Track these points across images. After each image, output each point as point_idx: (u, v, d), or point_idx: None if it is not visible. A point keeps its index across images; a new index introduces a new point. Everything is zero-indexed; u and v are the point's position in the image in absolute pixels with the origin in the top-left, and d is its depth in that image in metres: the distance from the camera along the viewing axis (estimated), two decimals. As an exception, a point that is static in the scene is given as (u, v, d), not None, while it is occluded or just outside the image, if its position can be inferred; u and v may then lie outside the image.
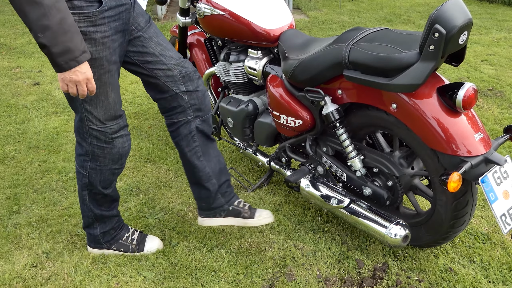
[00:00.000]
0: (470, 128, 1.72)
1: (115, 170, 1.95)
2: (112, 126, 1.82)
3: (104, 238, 2.09)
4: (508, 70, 4.32)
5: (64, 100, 3.92)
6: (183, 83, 1.91)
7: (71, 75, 1.53)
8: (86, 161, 1.89)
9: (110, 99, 1.77)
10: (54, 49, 1.46)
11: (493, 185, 1.70)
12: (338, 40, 1.94)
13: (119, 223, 2.13)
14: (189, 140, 1.97)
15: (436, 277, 1.94)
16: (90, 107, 1.75)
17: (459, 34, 1.58)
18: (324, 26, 6.18)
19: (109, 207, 2.06)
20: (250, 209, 2.09)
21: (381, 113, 1.90)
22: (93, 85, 1.61)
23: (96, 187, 1.95)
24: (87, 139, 1.84)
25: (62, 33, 1.45)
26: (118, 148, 1.88)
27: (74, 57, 1.50)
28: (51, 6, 1.42)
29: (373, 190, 2.04)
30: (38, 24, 1.42)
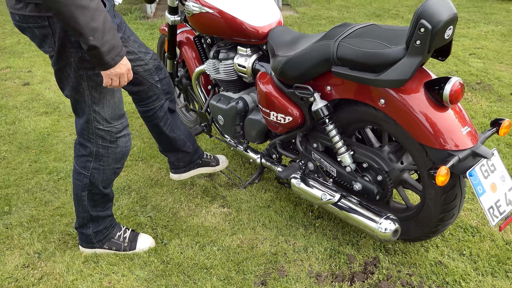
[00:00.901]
0: (458, 122, 1.74)
1: (117, 169, 1.99)
2: (117, 125, 1.88)
3: (97, 237, 2.10)
4: (496, 63, 4.36)
5: (55, 100, 3.91)
6: (156, 74, 2.13)
7: (116, 69, 1.60)
8: (89, 161, 1.91)
9: (116, 98, 1.82)
10: (103, 48, 1.51)
11: (480, 178, 1.72)
12: (326, 36, 1.95)
13: (111, 222, 2.14)
14: (165, 119, 2.27)
15: (426, 271, 1.96)
16: (98, 108, 1.79)
17: (444, 28, 1.60)
18: (313, 22, 6.18)
19: (104, 207, 2.07)
20: (214, 157, 2.60)
21: (369, 108, 1.91)
22: (131, 74, 1.68)
23: (98, 187, 1.97)
24: (92, 140, 1.87)
25: (108, 32, 1.51)
26: (122, 147, 1.93)
27: (118, 53, 1.57)
28: (96, 8, 1.48)
29: (363, 185, 2.05)
30: (88, 28, 1.46)
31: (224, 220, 2.34)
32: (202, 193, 2.57)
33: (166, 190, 2.61)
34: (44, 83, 4.32)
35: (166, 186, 2.64)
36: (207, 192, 2.58)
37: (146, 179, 2.72)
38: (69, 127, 3.42)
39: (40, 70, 4.67)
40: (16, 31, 6.15)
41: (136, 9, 7.13)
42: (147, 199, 2.53)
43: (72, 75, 1.72)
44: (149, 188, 2.64)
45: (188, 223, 2.33)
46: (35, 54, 5.17)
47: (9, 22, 6.59)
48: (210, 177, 2.71)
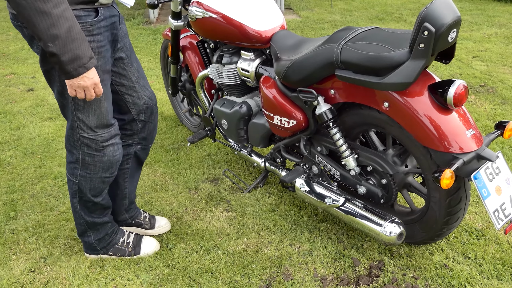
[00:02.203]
0: (462, 125, 1.74)
1: (105, 178, 1.93)
2: (103, 134, 1.82)
3: (100, 244, 2.09)
4: (499, 66, 4.35)
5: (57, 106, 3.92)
6: (144, 113, 2.03)
7: (79, 81, 1.55)
8: (76, 168, 1.89)
9: (102, 108, 1.77)
10: (64, 57, 1.48)
11: (485, 181, 1.72)
12: (329, 40, 1.95)
13: (113, 228, 2.12)
14: (123, 161, 2.10)
15: (432, 274, 1.96)
16: (82, 116, 1.76)
17: (448, 31, 1.60)
18: (316, 26, 6.20)
19: (100, 214, 2.04)
20: (150, 220, 2.30)
21: (373, 112, 1.92)
22: (100, 89, 1.63)
23: (86, 195, 1.94)
24: (78, 147, 1.84)
25: (71, 41, 1.47)
26: (109, 156, 1.87)
27: (83, 64, 1.52)
28: (59, 16, 1.44)
29: (367, 189, 2.05)
30: (47, 34, 1.43)
31: (228, 224, 2.35)
32: (206, 197, 2.57)
33: (171, 195, 2.61)
34: (48, 88, 4.34)
35: (171, 191, 2.65)
36: (212, 196, 2.58)
37: (151, 184, 2.73)
38: (74, 132, 3.43)
39: (44, 75, 4.69)
40: (20, 37, 6.18)
41: (139, 14, 7.16)
42: (152, 204, 2.54)
43: (57, 78, 1.70)
44: (154, 192, 2.64)
45: (193, 227, 2.33)
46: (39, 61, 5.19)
47: (13, 28, 6.63)
48: (215, 182, 2.72)
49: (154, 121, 2.10)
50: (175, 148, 3.13)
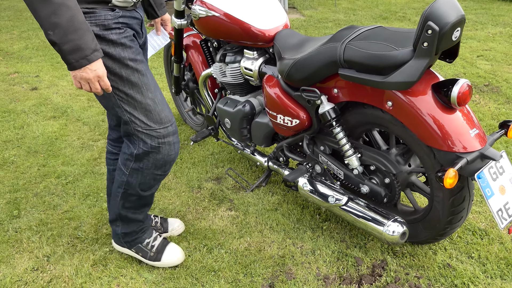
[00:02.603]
0: (466, 124, 1.73)
1: (157, 175, 1.87)
2: (159, 129, 1.76)
3: (125, 238, 2.05)
4: (504, 65, 4.34)
5: (63, 104, 3.93)
6: None
7: (82, 73, 1.51)
8: (129, 160, 1.84)
9: (148, 100, 1.71)
10: (64, 47, 1.44)
11: (489, 180, 1.71)
12: (333, 39, 1.95)
13: (142, 227, 2.06)
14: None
15: (435, 273, 1.95)
16: (130, 108, 1.71)
17: (452, 30, 1.59)
18: (319, 25, 6.19)
19: (137, 210, 1.98)
20: (163, 224, 2.27)
21: (377, 111, 1.91)
22: (106, 83, 1.57)
23: (134, 188, 1.89)
24: (134, 142, 1.79)
25: (72, 31, 1.43)
26: (164, 154, 1.80)
27: (85, 55, 1.48)
28: (61, 4, 1.40)
29: (370, 188, 2.05)
30: (48, 22, 1.40)
31: (231, 223, 2.34)
32: (209, 196, 2.57)
33: (174, 194, 2.61)
34: (52, 87, 4.35)
35: (174, 190, 2.65)
36: (215, 195, 2.58)
37: (154, 183, 2.73)
38: (77, 131, 3.44)
39: (48, 74, 4.71)
40: (24, 36, 6.20)
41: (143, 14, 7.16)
42: (155, 203, 2.54)
43: None
44: (157, 191, 2.65)
45: (195, 226, 2.33)
46: (43, 59, 5.21)
47: (17, 27, 6.65)
48: (218, 181, 2.72)
49: None
50: (178, 147, 3.13)
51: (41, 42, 5.91)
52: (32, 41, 5.95)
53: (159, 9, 2.10)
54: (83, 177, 2.82)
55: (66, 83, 4.46)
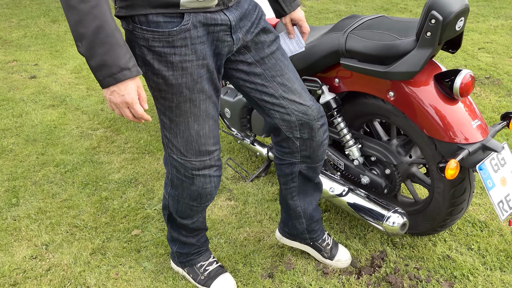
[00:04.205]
0: (468, 115, 1.72)
1: (193, 207, 1.71)
2: (194, 162, 1.57)
3: (179, 258, 1.92)
4: (505, 58, 4.32)
5: (61, 93, 3.91)
6: (299, 130, 1.69)
7: (110, 96, 1.31)
8: (168, 185, 1.73)
9: (192, 131, 1.51)
10: (91, 62, 1.26)
11: (490, 172, 1.70)
12: (335, 28, 1.93)
13: (198, 250, 1.91)
14: (288, 180, 1.83)
15: (434, 265, 1.95)
16: (170, 135, 1.54)
17: (455, 20, 1.57)
18: (320, 16, 6.15)
19: (189, 233, 1.85)
20: (332, 249, 1.98)
21: (378, 101, 1.90)
22: (137, 111, 1.33)
23: (173, 213, 1.77)
24: (168, 166, 1.65)
25: (99, 44, 1.24)
26: (198, 187, 1.62)
27: (111, 73, 1.27)
28: (87, 12, 1.22)
29: (371, 179, 2.04)
30: (75, 31, 1.24)
31: (231, 213, 2.34)
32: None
33: (173, 183, 2.60)
34: (51, 76, 4.33)
35: (173, 179, 2.64)
36: (214, 185, 2.57)
37: (153, 172, 2.72)
38: (76, 120, 3.42)
39: (47, 63, 4.68)
40: (23, 24, 6.16)
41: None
42: (154, 192, 2.53)
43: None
44: (156, 180, 2.64)
45: (194, 215, 2.33)
46: (42, 48, 5.18)
47: (16, 15, 6.61)
48: (217, 170, 2.71)
49: (317, 138, 1.72)
50: (177, 136, 3.12)
51: (40, 30, 5.87)
52: (31, 29, 5.91)
53: (287, 4, 1.73)
54: (82, 166, 2.81)
55: (65, 72, 4.43)
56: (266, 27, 1.58)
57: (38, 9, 6.89)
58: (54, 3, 7.23)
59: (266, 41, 1.58)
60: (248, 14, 1.51)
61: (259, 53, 1.57)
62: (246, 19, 1.50)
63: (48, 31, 5.84)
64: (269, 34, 1.59)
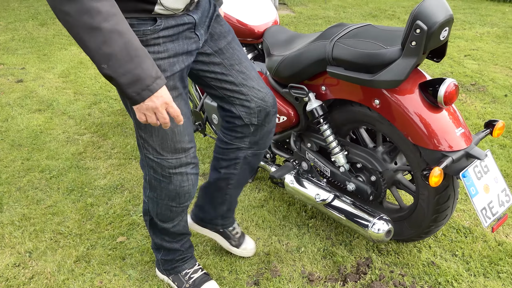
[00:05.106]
0: (452, 123, 1.74)
1: (172, 207, 1.71)
2: (171, 160, 1.58)
3: (164, 265, 1.91)
4: (490, 65, 4.37)
5: (48, 97, 3.88)
6: (257, 117, 1.74)
7: (147, 103, 1.30)
8: (146, 188, 1.71)
9: (167, 130, 1.53)
10: (122, 80, 1.23)
11: (474, 179, 1.72)
12: (322, 36, 1.94)
13: (183, 256, 1.90)
14: (231, 164, 1.85)
15: (419, 271, 1.96)
16: (145, 135, 1.54)
17: (440, 30, 1.59)
18: (309, 22, 6.18)
19: (172, 239, 1.84)
20: (240, 238, 2.06)
21: (364, 109, 1.91)
22: (175, 109, 1.35)
23: (154, 218, 1.76)
24: (145, 167, 1.65)
25: (129, 60, 1.22)
26: (175, 185, 1.63)
27: (146, 86, 1.26)
28: (111, 31, 1.19)
29: (356, 186, 2.05)
30: (100, 54, 1.20)
31: (217, 219, 2.33)
32: (196, 192, 2.55)
33: (160, 189, 2.59)
34: (38, 80, 4.29)
35: (160, 185, 2.63)
36: (201, 191, 2.56)
37: (139, 178, 2.70)
38: (62, 125, 3.39)
39: (34, 67, 4.64)
40: (11, 27, 6.11)
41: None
42: (140, 198, 2.52)
43: None
44: (142, 187, 2.62)
45: (181, 222, 2.32)
46: (29, 51, 5.14)
47: (3, 18, 6.55)
48: (204, 177, 2.70)
49: (269, 125, 1.79)
50: (165, 142, 3.10)
51: (28, 33, 5.83)
52: (19, 33, 5.86)
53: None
54: (68, 172, 2.78)
55: (52, 76, 4.40)
56: (221, 19, 1.65)
57: (26, 12, 6.84)
58: (43, 6, 7.18)
59: (222, 32, 1.65)
60: (206, 10, 1.57)
61: (216, 43, 1.63)
62: (205, 15, 1.57)
63: (36, 34, 5.79)
64: (224, 25, 1.66)
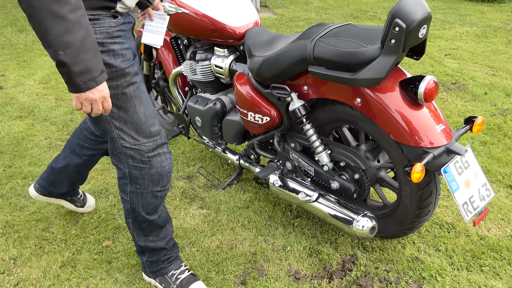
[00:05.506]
0: (432, 120, 1.77)
1: (157, 192, 1.76)
2: (147, 143, 1.66)
3: (150, 267, 1.92)
4: (470, 63, 4.44)
5: (29, 104, 3.84)
6: None
7: (88, 94, 1.41)
8: (126, 184, 1.74)
9: (140, 114, 1.63)
10: (74, 68, 1.34)
11: (455, 174, 1.75)
12: (303, 36, 1.96)
13: (168, 256, 1.91)
14: (98, 153, 2.11)
15: (403, 267, 1.98)
16: (120, 124, 1.62)
17: (418, 27, 1.62)
18: (291, 24, 6.21)
19: (156, 237, 1.86)
20: (83, 200, 2.39)
21: (346, 107, 1.93)
22: (109, 103, 1.48)
23: (140, 213, 1.78)
24: (123, 160, 1.69)
25: (84, 51, 1.34)
26: (157, 167, 1.70)
27: (93, 77, 1.39)
28: (76, 22, 1.30)
29: (340, 184, 2.07)
30: (60, 41, 1.29)
31: (203, 221, 2.33)
32: (180, 195, 2.55)
33: (144, 193, 2.58)
34: (18, 87, 4.25)
35: (144, 189, 2.62)
36: (186, 194, 2.56)
37: (124, 182, 2.69)
38: (44, 131, 3.36)
39: (14, 74, 4.59)
40: (-10, 34, 6.03)
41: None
42: (125, 202, 2.51)
43: None
44: (127, 190, 2.61)
45: (166, 225, 2.31)
46: (9, 58, 5.08)
47: (-18, 25, 6.46)
48: (189, 179, 2.70)
49: None
50: (149, 146, 3.09)
51: (7, 40, 5.76)
52: (-2, 39, 5.80)
53: None
54: (51, 178, 2.75)
55: (33, 82, 4.36)
56: None
57: (4, 19, 6.76)
58: (21, 13, 7.09)
59: None
60: None
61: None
62: None
63: (15, 41, 5.73)
64: None
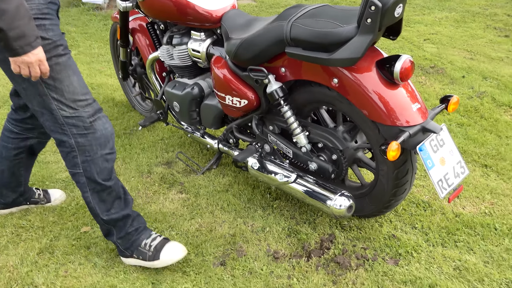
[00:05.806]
0: (408, 99, 1.78)
1: (107, 155, 1.81)
2: (86, 109, 1.75)
3: (123, 245, 1.93)
4: (449, 48, 4.48)
5: (4, 93, 3.77)
6: None
7: (24, 57, 1.52)
8: (75, 156, 1.78)
9: (75, 83, 1.72)
10: (11, 33, 1.45)
11: (430, 152, 1.77)
12: (279, 17, 1.95)
13: (135, 227, 1.94)
14: (20, 151, 2.11)
15: (380, 244, 2.01)
16: (57, 95, 1.70)
17: (394, 6, 1.62)
18: (271, 10, 6.19)
19: (118, 209, 1.89)
20: (46, 196, 2.37)
21: (323, 88, 1.94)
22: (46, 66, 1.58)
23: (96, 181, 1.81)
24: (66, 131, 1.74)
25: (19, 18, 1.45)
26: (101, 130, 1.78)
27: (29, 42, 1.50)
28: None
29: (318, 165, 2.08)
30: None
31: (182, 205, 2.33)
32: (159, 180, 2.54)
33: (123, 179, 2.56)
34: (-6, 75, 4.16)
35: (123, 175, 2.60)
36: (165, 179, 2.55)
37: (102, 169, 2.66)
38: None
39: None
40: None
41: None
42: (104, 188, 2.49)
43: None
44: (106, 177, 2.59)
45: (145, 209, 2.30)
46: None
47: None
48: (168, 165, 2.69)
49: None
50: (127, 133, 3.07)
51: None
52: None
53: None
54: (28, 165, 2.72)
55: (8, 71, 4.27)
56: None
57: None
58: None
59: None
60: None
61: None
62: None
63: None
64: None
